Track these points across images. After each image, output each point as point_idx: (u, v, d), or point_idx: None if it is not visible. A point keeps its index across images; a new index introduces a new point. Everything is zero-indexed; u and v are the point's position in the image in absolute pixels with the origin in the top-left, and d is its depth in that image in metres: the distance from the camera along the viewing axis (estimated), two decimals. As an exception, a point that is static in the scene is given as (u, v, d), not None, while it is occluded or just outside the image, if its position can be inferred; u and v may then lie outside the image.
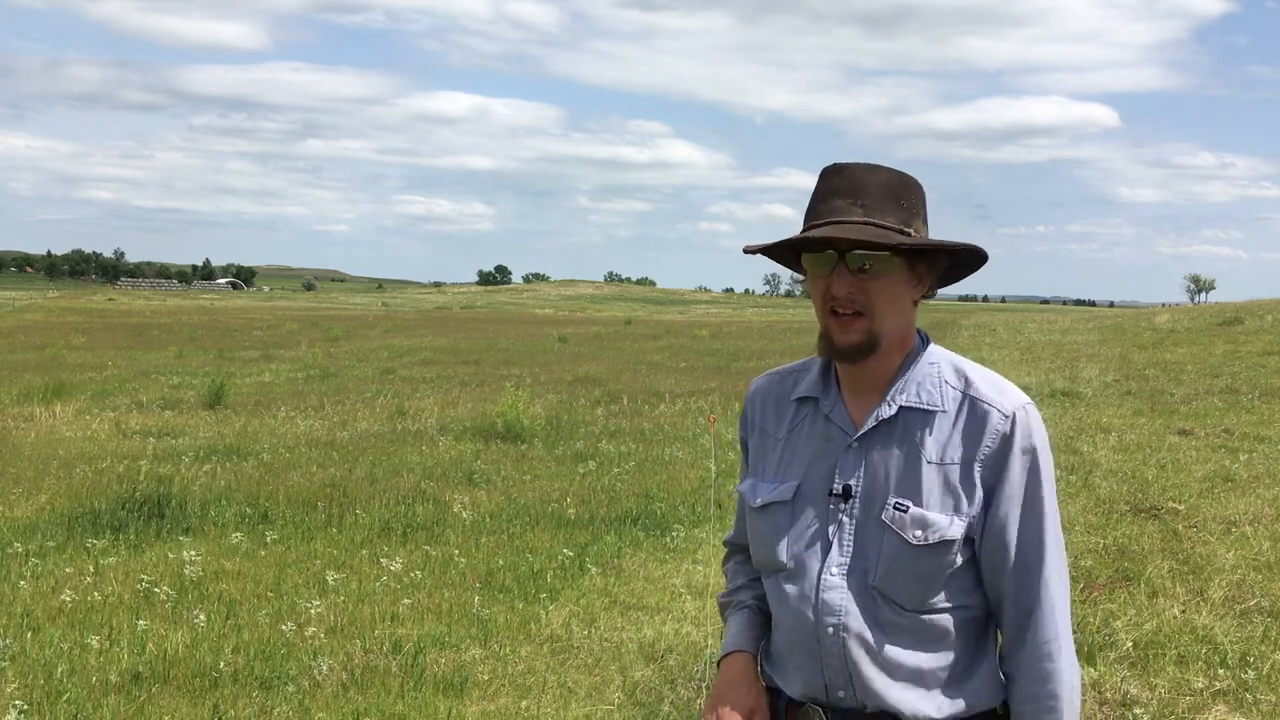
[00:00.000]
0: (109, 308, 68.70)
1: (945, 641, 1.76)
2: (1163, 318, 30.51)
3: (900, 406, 1.77)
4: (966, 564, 1.75)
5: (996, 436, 1.73)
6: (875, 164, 1.77)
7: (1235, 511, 7.77)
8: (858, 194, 1.73)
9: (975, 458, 1.73)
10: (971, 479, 1.73)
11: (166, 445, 11.92)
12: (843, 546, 1.76)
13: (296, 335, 37.39)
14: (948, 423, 1.75)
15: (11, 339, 32.38)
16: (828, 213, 1.74)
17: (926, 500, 1.73)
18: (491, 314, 71.92)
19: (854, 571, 1.75)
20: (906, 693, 1.74)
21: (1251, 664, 4.87)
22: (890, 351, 1.78)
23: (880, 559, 1.73)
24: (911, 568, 1.72)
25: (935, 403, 1.76)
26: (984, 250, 1.78)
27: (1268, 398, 14.16)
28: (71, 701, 4.58)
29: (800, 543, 1.80)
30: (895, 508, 1.73)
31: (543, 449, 11.59)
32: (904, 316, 1.78)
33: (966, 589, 1.77)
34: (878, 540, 1.74)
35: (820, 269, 1.74)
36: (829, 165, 1.79)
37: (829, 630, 1.75)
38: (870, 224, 1.70)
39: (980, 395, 1.76)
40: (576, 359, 26.40)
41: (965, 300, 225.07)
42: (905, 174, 1.78)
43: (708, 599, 6.08)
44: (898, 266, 1.73)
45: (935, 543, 1.71)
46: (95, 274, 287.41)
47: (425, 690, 4.82)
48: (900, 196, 1.75)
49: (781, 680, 1.85)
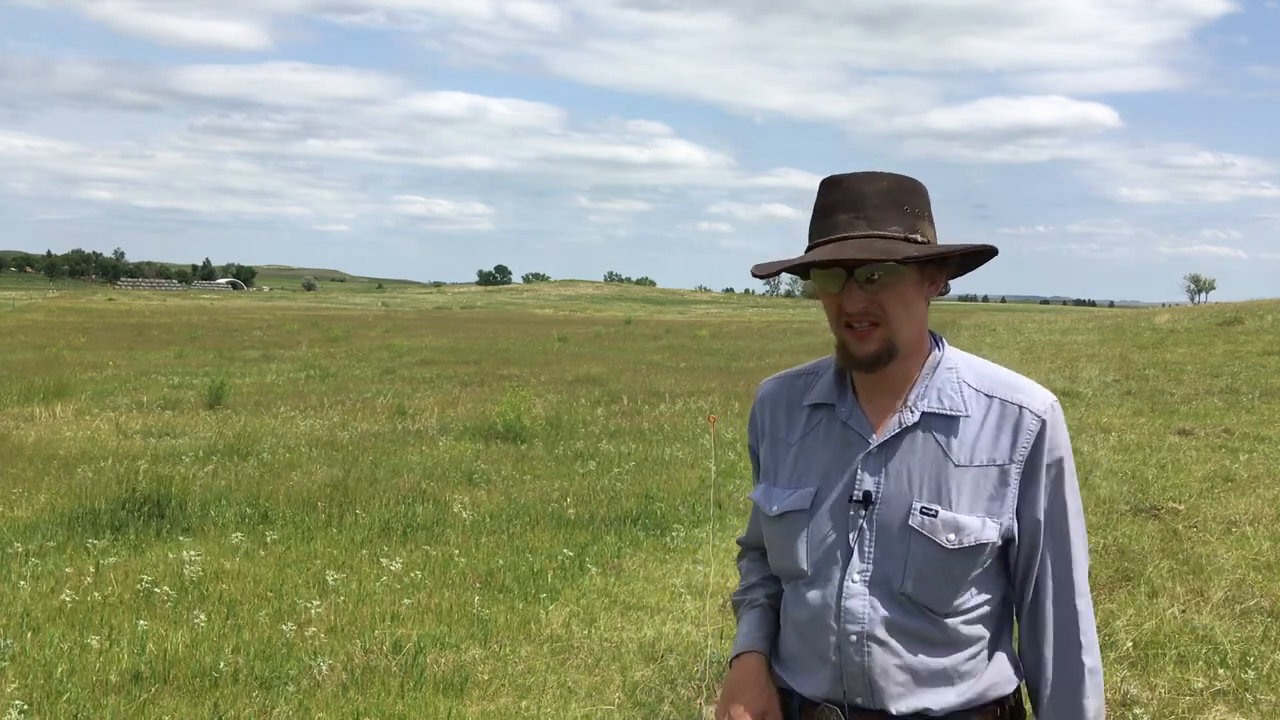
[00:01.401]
0: (109, 308, 68.71)
1: (969, 638, 1.76)
2: (1163, 318, 30.52)
3: (923, 413, 1.76)
4: (993, 560, 1.76)
5: (1030, 436, 1.73)
6: (874, 171, 1.75)
7: (1235, 511, 7.77)
8: (859, 206, 1.71)
9: (1010, 459, 1.73)
10: (1006, 480, 1.73)
11: (166, 445, 11.92)
12: (864, 553, 1.74)
13: (296, 335, 37.38)
14: (974, 426, 1.74)
15: (11, 339, 32.37)
16: (831, 229, 1.71)
17: (956, 504, 1.71)
18: (491, 314, 71.92)
19: (876, 578, 1.73)
20: (930, 693, 1.74)
21: (1251, 664, 4.87)
22: (907, 356, 1.76)
23: (909, 565, 1.71)
24: (945, 571, 1.71)
25: (958, 408, 1.75)
26: (993, 247, 1.76)
27: (1268, 398, 14.16)
28: (71, 701, 4.58)
29: (820, 550, 1.78)
30: (923, 512, 1.71)
31: (543, 449, 11.59)
32: (919, 321, 1.77)
33: (989, 581, 1.77)
34: (904, 546, 1.72)
35: (830, 287, 1.72)
36: (827, 178, 1.77)
37: (851, 638, 1.73)
38: (875, 236, 1.68)
39: (1009, 397, 1.75)
40: (576, 359, 26.40)
41: (965, 300, 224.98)
42: (906, 177, 1.76)
43: (708, 599, 6.08)
44: (908, 274, 1.71)
45: (970, 546, 1.71)
46: (95, 274, 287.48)
47: (425, 690, 4.82)
48: (903, 202, 1.72)
49: (795, 682, 1.84)
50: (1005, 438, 1.73)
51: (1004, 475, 1.73)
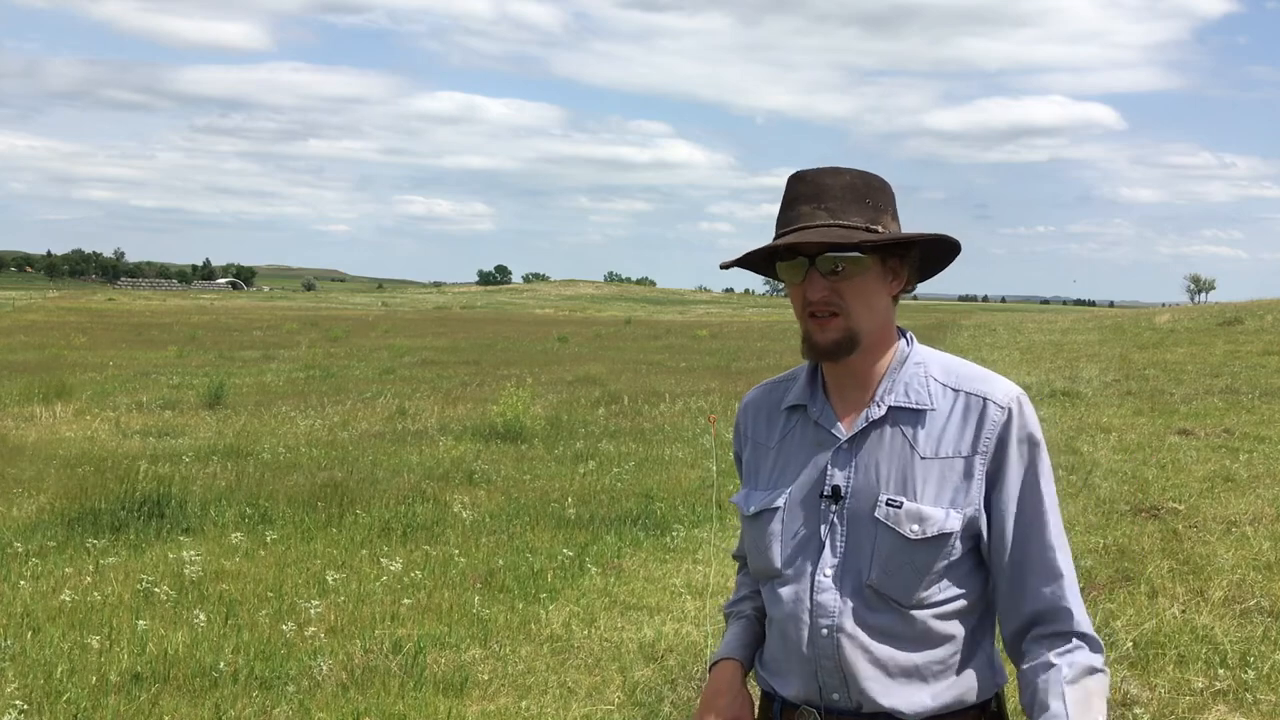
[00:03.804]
0: (109, 308, 68.71)
1: (941, 635, 1.75)
2: (1163, 318, 30.52)
3: (890, 406, 1.78)
4: (964, 554, 1.76)
5: (995, 427, 1.74)
6: (838, 167, 1.79)
7: (1235, 511, 7.77)
8: (820, 198, 1.74)
9: (975, 450, 1.74)
10: (971, 471, 1.74)
11: (166, 445, 11.92)
12: (835, 548, 1.76)
13: (296, 335, 37.38)
14: (940, 419, 1.76)
15: (11, 339, 32.38)
16: (794, 219, 1.75)
17: (921, 495, 1.73)
18: (491, 314, 71.92)
19: (847, 572, 1.75)
20: (902, 690, 1.74)
21: (1251, 664, 4.87)
22: (872, 350, 1.79)
23: (875, 556, 1.73)
24: (910, 562, 1.72)
25: (924, 401, 1.77)
26: (955, 239, 1.79)
27: (1268, 398, 14.16)
28: (71, 701, 4.58)
29: (793, 547, 1.80)
30: (888, 504, 1.73)
31: (543, 449, 11.60)
32: (882, 314, 1.78)
33: (961, 577, 1.76)
34: (871, 538, 1.74)
35: (794, 276, 1.76)
36: (793, 174, 1.81)
37: (823, 632, 1.75)
38: (835, 225, 1.72)
39: (974, 389, 1.77)
40: (576, 359, 26.41)
41: (965, 300, 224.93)
42: (869, 173, 1.79)
43: (708, 599, 6.08)
44: (870, 265, 1.74)
45: (933, 536, 1.72)
46: (95, 274, 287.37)
47: (425, 690, 4.82)
48: (865, 195, 1.75)
49: (777, 684, 1.85)
50: (970, 430, 1.74)
51: (969, 466, 1.74)
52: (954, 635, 1.76)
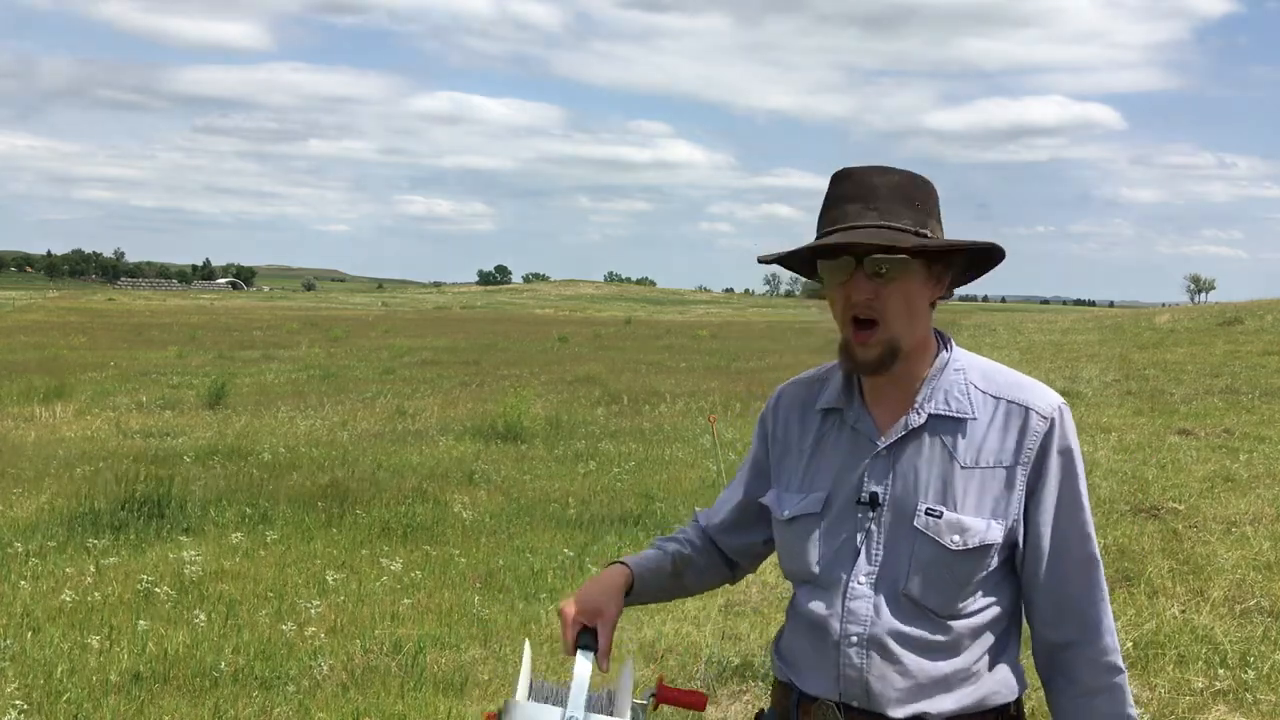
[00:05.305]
0: (109, 308, 68.70)
1: (971, 644, 1.74)
2: (1163, 318, 30.51)
3: (930, 414, 1.75)
4: (999, 564, 1.74)
5: (1037, 438, 1.72)
6: (885, 166, 1.75)
7: (1235, 511, 7.77)
8: (869, 197, 1.71)
9: (1017, 460, 1.72)
10: (1013, 482, 1.72)
11: (167, 445, 11.92)
12: (871, 555, 1.74)
13: (296, 335, 37.37)
14: (980, 428, 1.74)
15: (11, 339, 32.37)
16: (840, 218, 1.71)
17: (961, 505, 1.71)
18: (491, 314, 71.93)
19: (883, 580, 1.73)
20: (924, 699, 1.72)
21: (1251, 664, 4.87)
22: (912, 357, 1.76)
23: (914, 566, 1.71)
24: (949, 573, 1.70)
25: (965, 410, 1.74)
26: (1001, 247, 1.76)
27: (1268, 398, 14.16)
28: (71, 701, 4.58)
29: (829, 553, 1.78)
30: (928, 513, 1.71)
31: (543, 449, 11.60)
32: (922, 321, 1.75)
33: (994, 585, 1.75)
34: (909, 547, 1.72)
35: (837, 276, 1.72)
36: (838, 171, 1.77)
37: (852, 639, 1.73)
38: (885, 227, 1.68)
39: (1016, 398, 1.74)
40: (576, 359, 26.41)
41: (965, 300, 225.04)
42: (917, 174, 1.76)
43: (708, 599, 6.08)
44: (916, 269, 1.70)
45: (975, 547, 1.70)
46: (95, 274, 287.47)
47: (425, 690, 4.82)
48: (913, 197, 1.72)
49: (796, 678, 1.84)
50: (1011, 439, 1.72)
51: (1010, 477, 1.72)
52: (983, 643, 1.75)
